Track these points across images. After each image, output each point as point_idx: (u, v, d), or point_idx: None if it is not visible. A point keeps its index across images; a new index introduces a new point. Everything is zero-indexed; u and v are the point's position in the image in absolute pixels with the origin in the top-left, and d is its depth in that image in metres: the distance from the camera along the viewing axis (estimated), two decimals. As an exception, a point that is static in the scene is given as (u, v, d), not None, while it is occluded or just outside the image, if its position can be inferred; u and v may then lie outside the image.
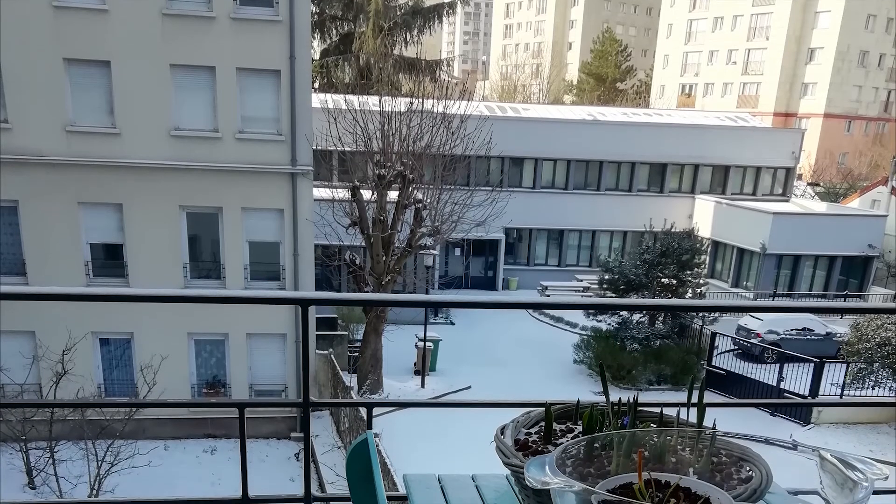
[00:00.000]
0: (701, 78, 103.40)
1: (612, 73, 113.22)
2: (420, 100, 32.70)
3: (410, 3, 64.20)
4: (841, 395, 33.52)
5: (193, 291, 3.83)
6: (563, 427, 3.06)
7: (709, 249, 50.37)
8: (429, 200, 32.57)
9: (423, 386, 34.95)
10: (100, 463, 23.27)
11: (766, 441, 2.45)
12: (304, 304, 4.07)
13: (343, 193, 32.73)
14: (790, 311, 39.81)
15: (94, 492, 22.87)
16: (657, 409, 3.01)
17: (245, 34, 28.70)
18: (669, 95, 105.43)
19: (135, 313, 28.72)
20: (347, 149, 32.75)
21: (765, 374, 35.86)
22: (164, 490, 24.90)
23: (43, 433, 25.06)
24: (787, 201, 57.16)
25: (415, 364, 36.72)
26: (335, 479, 25.57)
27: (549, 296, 50.26)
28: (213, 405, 17.92)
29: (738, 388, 35.46)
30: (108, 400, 30.90)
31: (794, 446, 2.35)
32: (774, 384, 34.70)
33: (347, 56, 59.94)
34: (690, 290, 40.24)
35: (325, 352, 33.26)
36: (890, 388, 33.26)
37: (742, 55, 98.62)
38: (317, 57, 58.72)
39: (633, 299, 34.37)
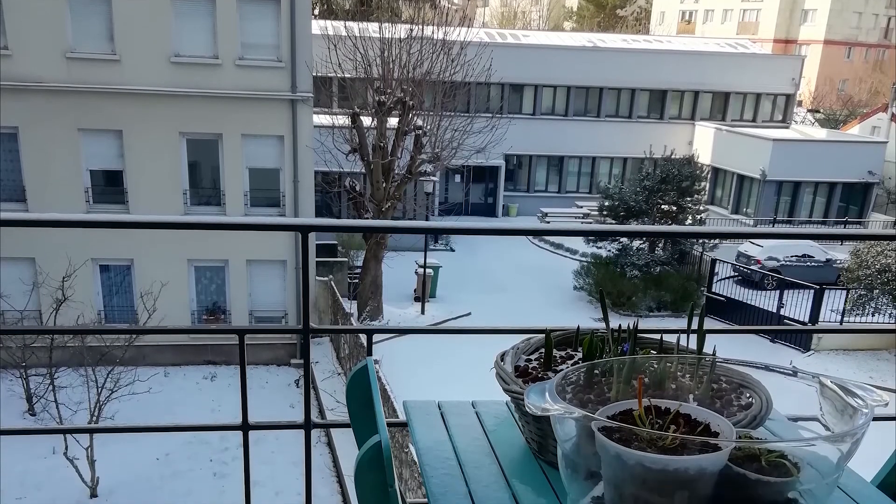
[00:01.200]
0: (701, 4, 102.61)
1: (612, 0, 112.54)
2: (420, 26, 32.58)
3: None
4: (841, 322, 33.55)
5: (193, 218, 3.78)
6: (562, 354, 3.06)
7: (709, 176, 50.35)
8: (429, 127, 32.55)
9: (423, 312, 35.05)
10: (100, 389, 23.30)
11: (766, 367, 2.46)
12: (303, 230, 4.07)
13: (343, 120, 32.71)
14: (790, 238, 39.90)
15: (94, 418, 22.93)
16: (657, 336, 3.01)
17: (244, -41, 28.59)
18: (669, 22, 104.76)
19: (135, 240, 28.72)
20: (347, 75, 32.70)
21: (765, 300, 35.91)
22: (164, 416, 25.05)
23: (43, 360, 25.09)
24: (787, 128, 57.11)
25: (415, 291, 36.80)
26: (335, 406, 25.70)
27: (548, 222, 50.29)
28: (212, 332, 18.09)
29: (738, 315, 35.51)
30: (108, 326, 30.97)
31: (794, 373, 2.35)
32: (774, 311, 34.74)
33: (347, -19, 59.57)
34: (690, 217, 40.26)
35: (325, 278, 33.30)
36: (890, 314, 33.32)
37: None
38: (316, -18, 58.36)
39: (633, 226, 34.46)
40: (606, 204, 40.90)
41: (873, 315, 33.55)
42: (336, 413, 25.15)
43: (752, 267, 39.79)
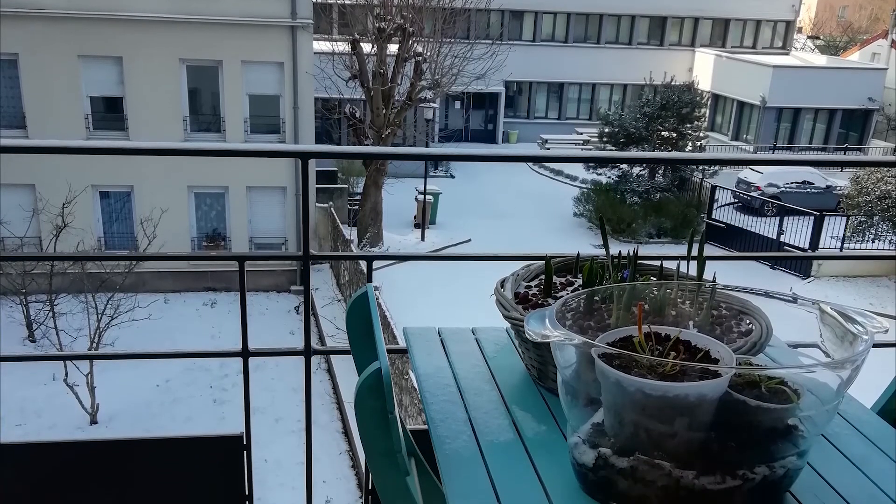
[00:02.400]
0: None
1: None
2: (420, -49, 32.42)
3: None
4: (841, 249, 33.56)
5: (193, 145, 3.78)
6: (562, 280, 3.05)
7: (709, 103, 50.18)
8: (429, 53, 32.42)
9: (423, 239, 35.00)
10: (100, 316, 23.33)
11: (766, 294, 2.46)
12: (304, 157, 4.05)
13: (343, 46, 32.56)
14: (790, 165, 39.81)
15: (94, 345, 22.97)
16: (657, 263, 3.00)
17: None
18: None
19: (135, 166, 28.62)
20: (347, 2, 32.53)
21: (765, 227, 35.83)
22: (164, 343, 25.05)
23: (43, 286, 25.12)
24: (787, 54, 56.82)
25: (415, 217, 36.74)
26: (335, 332, 25.74)
27: (548, 149, 50.12)
28: (212, 258, 17.88)
29: (738, 241, 35.49)
30: (108, 253, 31.01)
31: (794, 299, 2.36)
32: (774, 237, 34.70)
33: None
34: (690, 144, 40.17)
35: (325, 205, 33.26)
36: (890, 241, 33.29)
37: None
38: None
39: (634, 152, 34.35)
40: (606, 131, 40.85)
41: (873, 242, 33.54)
42: (336, 340, 25.19)
43: (752, 193, 39.70)
